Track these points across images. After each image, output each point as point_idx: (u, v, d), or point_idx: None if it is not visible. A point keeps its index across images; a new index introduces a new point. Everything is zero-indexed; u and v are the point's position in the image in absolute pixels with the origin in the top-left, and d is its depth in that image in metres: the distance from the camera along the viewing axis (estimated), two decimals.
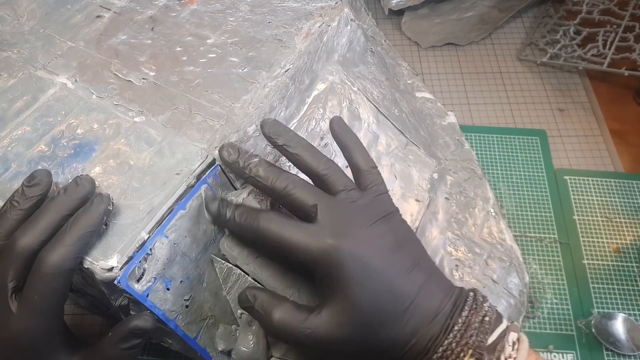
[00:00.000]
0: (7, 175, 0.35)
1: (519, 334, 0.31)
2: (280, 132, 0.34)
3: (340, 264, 0.30)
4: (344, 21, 0.45)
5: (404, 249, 0.32)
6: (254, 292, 0.33)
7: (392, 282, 0.30)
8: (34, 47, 0.42)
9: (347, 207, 0.32)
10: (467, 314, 0.30)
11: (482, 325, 0.30)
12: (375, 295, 0.30)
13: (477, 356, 0.29)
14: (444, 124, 0.58)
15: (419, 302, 0.30)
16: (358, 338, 0.30)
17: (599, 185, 0.57)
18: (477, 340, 0.29)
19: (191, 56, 0.41)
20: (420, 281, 0.31)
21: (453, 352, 0.29)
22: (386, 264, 0.31)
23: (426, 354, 0.30)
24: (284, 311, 0.31)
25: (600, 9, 0.70)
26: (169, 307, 0.33)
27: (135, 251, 0.31)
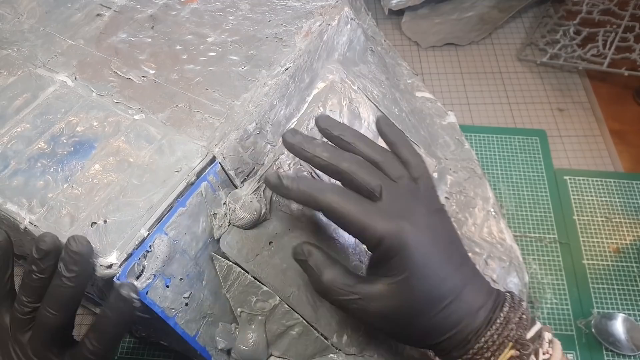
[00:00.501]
0: (7, 173, 0.35)
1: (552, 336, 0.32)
2: (334, 125, 0.35)
3: (403, 246, 0.31)
4: (344, 20, 0.45)
5: (454, 243, 0.34)
6: (309, 247, 0.34)
7: (445, 273, 0.32)
8: (33, 45, 0.42)
9: (408, 193, 0.33)
10: (507, 310, 0.32)
11: (520, 322, 0.32)
12: (429, 281, 0.31)
13: (517, 348, 0.31)
14: (443, 124, 0.58)
15: (465, 294, 0.32)
16: (401, 318, 0.32)
17: (599, 185, 0.57)
18: (517, 334, 0.31)
19: (191, 54, 0.41)
20: (468, 277, 0.33)
21: (495, 343, 0.31)
22: (443, 254, 0.32)
23: (467, 344, 0.32)
24: (335, 272, 0.32)
25: (600, 9, 0.70)
26: (168, 304, 0.33)
27: (134, 248, 0.31)
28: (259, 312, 0.37)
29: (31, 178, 0.34)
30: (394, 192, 0.32)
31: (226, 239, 0.35)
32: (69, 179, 0.34)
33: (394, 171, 0.33)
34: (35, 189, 0.34)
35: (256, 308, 0.37)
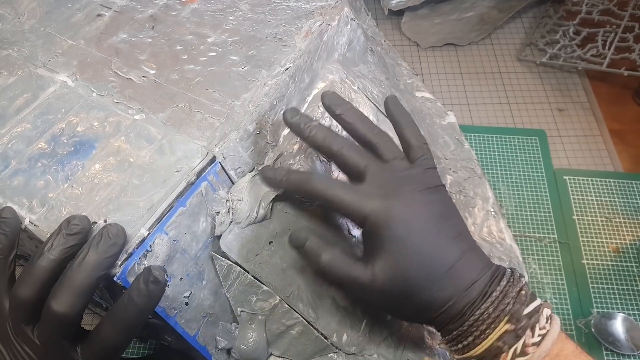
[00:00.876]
0: (7, 173, 0.35)
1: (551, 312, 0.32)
2: (338, 103, 0.37)
3: (387, 222, 0.32)
4: (344, 20, 0.45)
5: (449, 219, 0.34)
6: (303, 233, 0.35)
7: (435, 245, 0.32)
8: (34, 46, 0.43)
9: (396, 173, 0.34)
10: (505, 284, 0.32)
11: (518, 296, 0.32)
12: (419, 255, 0.32)
13: (513, 322, 0.31)
14: (443, 124, 0.58)
15: (459, 267, 0.32)
16: (398, 293, 0.32)
17: (599, 185, 0.57)
18: (514, 309, 0.31)
19: (191, 55, 0.41)
20: (462, 249, 0.33)
21: (490, 316, 0.31)
22: (431, 228, 0.33)
23: (462, 316, 0.32)
24: (332, 254, 0.34)
25: (600, 10, 0.70)
26: (169, 304, 0.33)
27: (134, 248, 0.31)
28: (259, 312, 0.37)
29: (32, 178, 0.34)
30: (382, 173, 0.34)
31: (226, 238, 0.35)
32: (70, 179, 0.34)
33: (387, 152, 0.35)
34: (36, 188, 0.34)
35: (256, 307, 0.37)
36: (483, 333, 0.31)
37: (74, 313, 0.28)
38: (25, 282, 0.29)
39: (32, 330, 0.29)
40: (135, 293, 0.29)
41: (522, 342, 0.30)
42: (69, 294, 0.28)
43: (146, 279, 0.29)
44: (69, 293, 0.28)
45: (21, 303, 0.29)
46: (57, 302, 0.28)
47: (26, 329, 0.29)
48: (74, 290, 0.28)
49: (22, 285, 0.29)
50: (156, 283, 0.29)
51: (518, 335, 0.30)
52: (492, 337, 0.31)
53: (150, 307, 0.29)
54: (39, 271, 0.29)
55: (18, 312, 0.29)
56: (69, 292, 0.28)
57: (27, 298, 0.29)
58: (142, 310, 0.29)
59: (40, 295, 0.29)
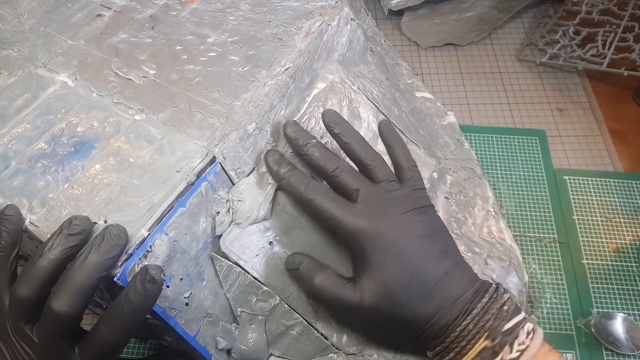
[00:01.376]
0: (7, 173, 0.35)
1: (535, 326, 0.33)
2: (338, 123, 0.38)
3: (373, 242, 0.34)
4: (344, 20, 0.45)
5: (434, 238, 0.35)
6: (300, 257, 0.36)
7: (419, 264, 0.34)
8: (34, 46, 0.42)
9: (386, 194, 0.36)
10: (486, 301, 0.33)
11: (500, 312, 0.33)
12: (404, 274, 0.33)
13: (491, 338, 0.32)
14: (443, 124, 0.58)
15: (443, 285, 0.34)
16: (385, 310, 0.34)
17: (599, 185, 0.57)
18: (494, 325, 0.32)
19: (191, 55, 0.41)
20: (446, 267, 0.34)
21: (470, 332, 0.32)
22: (415, 247, 0.34)
23: (444, 332, 0.33)
24: (324, 277, 0.35)
25: (600, 9, 0.70)
26: (169, 304, 0.33)
27: (135, 248, 0.31)
28: (259, 312, 0.37)
29: (32, 178, 0.34)
30: (371, 194, 0.36)
31: (226, 239, 0.35)
32: (70, 179, 0.34)
33: (380, 174, 0.37)
34: (36, 189, 0.34)
35: (256, 308, 0.37)
36: (463, 349, 0.32)
37: (74, 313, 0.28)
38: (25, 281, 0.29)
39: (31, 329, 0.29)
40: (132, 292, 0.29)
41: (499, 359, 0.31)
42: (69, 294, 0.28)
43: (143, 278, 0.29)
44: (70, 293, 0.28)
45: (21, 302, 0.29)
46: (57, 301, 0.28)
47: (25, 327, 0.29)
48: (74, 290, 0.28)
49: (23, 284, 0.29)
50: (153, 282, 0.29)
51: (495, 352, 0.31)
52: (472, 354, 0.32)
53: (147, 307, 0.29)
54: (39, 270, 0.29)
55: (18, 310, 0.29)
56: (70, 291, 0.28)
57: (27, 297, 0.29)
58: (139, 310, 0.29)
59: (40, 295, 0.29)
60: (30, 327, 0.29)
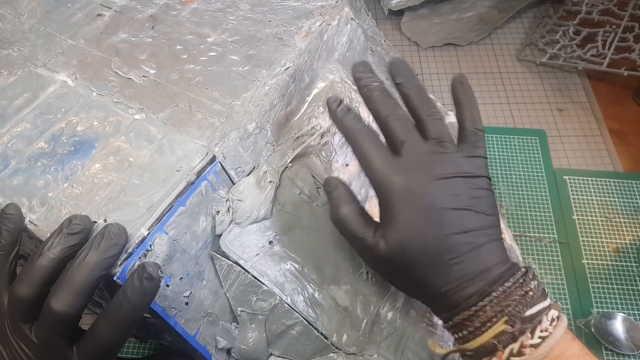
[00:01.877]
0: (7, 172, 0.35)
1: (560, 314, 0.32)
2: (402, 73, 0.36)
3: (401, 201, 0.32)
4: (344, 20, 0.45)
5: (472, 211, 0.33)
6: (336, 181, 0.36)
7: (443, 235, 0.32)
8: (34, 45, 0.43)
9: (432, 154, 0.34)
10: (510, 285, 0.32)
11: (524, 298, 0.31)
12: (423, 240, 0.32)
13: (510, 323, 0.30)
14: None
15: (464, 259, 0.32)
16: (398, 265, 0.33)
17: (598, 185, 0.57)
18: (515, 310, 0.31)
19: (191, 54, 0.41)
20: (475, 244, 0.32)
21: (486, 314, 0.31)
22: (444, 217, 0.32)
23: (455, 308, 0.32)
24: (351, 209, 0.34)
25: (600, 9, 0.70)
26: (169, 303, 0.33)
27: (134, 247, 0.31)
28: (259, 312, 0.37)
29: (31, 177, 0.34)
30: (417, 152, 0.34)
31: (226, 238, 0.35)
32: (69, 179, 0.34)
33: (433, 131, 0.34)
34: (36, 188, 0.34)
35: (256, 307, 0.37)
36: (477, 329, 0.31)
37: (73, 312, 0.28)
38: (24, 280, 0.29)
39: (30, 328, 0.29)
40: (129, 290, 0.29)
41: (519, 344, 0.30)
42: (69, 293, 0.28)
43: (140, 275, 0.29)
44: (69, 292, 0.28)
45: (20, 301, 0.29)
46: (57, 300, 0.28)
47: (24, 327, 0.29)
48: (74, 290, 0.28)
49: (22, 283, 0.29)
50: (150, 279, 0.29)
51: (515, 337, 0.30)
52: (487, 335, 0.31)
53: (144, 304, 0.29)
54: (38, 270, 0.29)
55: (17, 309, 0.29)
56: (69, 291, 0.28)
57: (26, 296, 0.29)
58: (137, 307, 0.29)
59: (39, 294, 0.29)
60: (29, 327, 0.29)
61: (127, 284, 0.29)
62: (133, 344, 0.48)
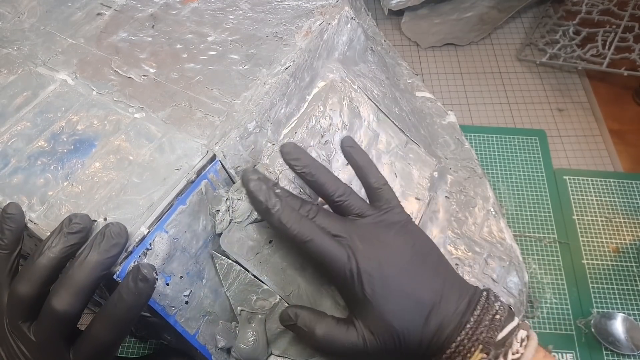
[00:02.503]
0: (7, 171, 0.35)
1: (528, 332, 0.33)
2: (298, 157, 0.35)
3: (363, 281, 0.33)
4: (344, 19, 0.45)
5: (421, 258, 0.35)
6: (295, 310, 0.35)
7: (414, 294, 0.33)
8: (34, 44, 0.42)
9: (364, 228, 0.35)
10: (479, 312, 0.33)
11: (492, 322, 0.32)
12: (399, 307, 0.33)
13: (486, 351, 0.31)
14: (444, 123, 0.58)
15: (437, 307, 0.33)
16: (390, 347, 0.33)
17: (598, 185, 0.57)
18: (487, 337, 0.32)
19: (192, 53, 0.41)
20: (439, 287, 0.34)
21: (465, 347, 0.32)
22: (406, 277, 0.33)
23: (441, 350, 0.32)
24: (326, 326, 0.34)
25: (600, 9, 0.70)
26: (169, 302, 0.33)
27: (134, 246, 0.31)
28: (259, 311, 0.37)
29: (31, 176, 0.34)
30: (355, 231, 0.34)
31: (226, 237, 0.35)
32: (69, 177, 0.34)
33: (352, 208, 0.35)
34: (36, 186, 0.34)
35: (256, 306, 0.37)
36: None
37: (74, 312, 0.28)
38: (24, 278, 0.29)
39: (29, 327, 0.29)
40: (124, 291, 0.29)
41: None
42: (70, 293, 0.28)
43: (135, 277, 0.29)
44: (70, 292, 0.28)
45: (20, 299, 0.29)
46: (58, 300, 0.28)
47: (23, 325, 0.29)
48: (75, 289, 0.28)
49: (22, 282, 0.29)
50: (145, 281, 0.29)
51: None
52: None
53: (139, 305, 0.29)
54: (39, 268, 0.29)
55: (16, 308, 0.29)
56: (70, 290, 0.28)
57: (26, 295, 0.29)
58: (132, 308, 0.29)
59: (39, 293, 0.29)
60: (28, 326, 0.29)
61: (122, 285, 0.29)
62: (133, 343, 0.48)
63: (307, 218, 0.34)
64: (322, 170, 0.36)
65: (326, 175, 0.36)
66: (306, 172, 0.35)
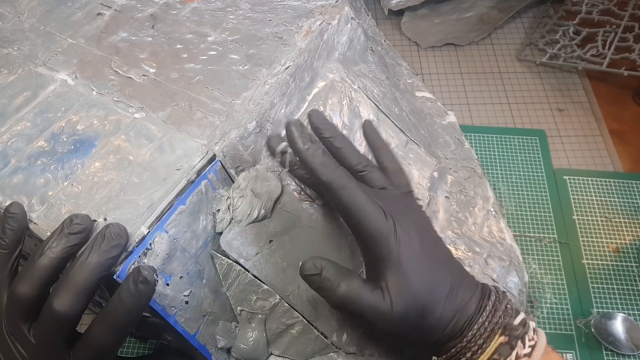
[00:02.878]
0: (7, 171, 0.35)
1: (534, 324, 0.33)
2: (327, 125, 0.36)
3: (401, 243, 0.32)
4: (344, 19, 0.45)
5: (438, 241, 0.35)
6: (321, 261, 0.33)
7: (437, 268, 0.33)
8: (34, 44, 0.42)
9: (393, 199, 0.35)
10: (494, 299, 0.33)
11: (507, 310, 0.33)
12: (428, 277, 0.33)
13: (506, 334, 0.31)
14: (444, 123, 0.58)
15: (457, 287, 0.33)
16: (413, 315, 0.32)
17: (598, 185, 0.57)
18: (506, 321, 0.32)
19: (192, 53, 0.41)
20: (456, 269, 0.34)
21: (486, 330, 0.32)
22: (433, 254, 0.34)
23: (461, 333, 0.32)
24: (352, 283, 0.32)
25: (600, 9, 0.70)
26: (169, 302, 0.33)
27: (134, 246, 0.31)
28: (259, 311, 0.37)
29: (31, 176, 0.34)
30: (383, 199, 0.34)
31: (226, 237, 0.35)
32: (69, 177, 0.34)
33: (377, 181, 0.35)
34: (35, 186, 0.34)
35: (256, 306, 0.37)
36: (480, 347, 0.32)
37: (74, 313, 0.28)
38: (25, 279, 0.29)
39: (28, 329, 0.29)
40: (124, 293, 0.28)
41: (515, 354, 0.31)
42: (70, 294, 0.28)
43: (135, 279, 0.29)
44: (71, 293, 0.28)
45: (20, 300, 0.29)
46: (58, 301, 0.28)
47: (23, 326, 0.29)
48: (75, 290, 0.28)
49: (22, 282, 0.29)
50: (145, 283, 0.29)
51: (512, 347, 0.31)
52: (489, 351, 0.32)
53: (139, 307, 0.29)
54: (39, 269, 0.29)
55: (16, 308, 0.29)
56: (71, 291, 0.28)
57: (27, 295, 0.29)
58: (132, 311, 0.29)
59: (39, 293, 0.29)
60: (28, 328, 0.29)
61: (122, 287, 0.29)
62: (133, 343, 0.48)
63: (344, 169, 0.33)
64: (348, 141, 0.36)
65: (351, 146, 0.36)
66: (333, 139, 0.35)
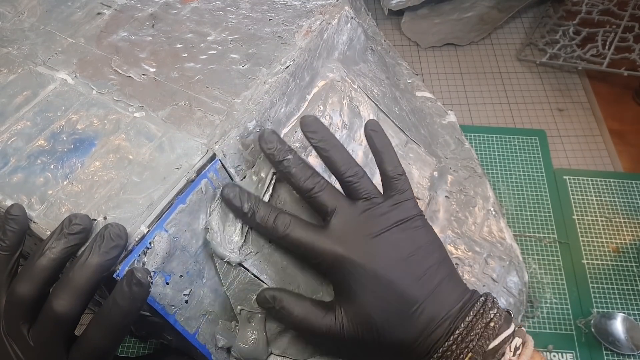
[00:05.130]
0: (7, 170, 0.35)
1: (524, 339, 0.32)
2: (317, 130, 0.35)
3: (348, 272, 0.32)
4: (344, 19, 0.45)
5: (418, 255, 0.34)
6: (272, 292, 0.35)
7: (399, 289, 0.32)
8: (34, 44, 0.42)
9: (363, 214, 0.34)
10: (471, 319, 0.32)
11: (485, 330, 0.31)
12: (383, 301, 0.32)
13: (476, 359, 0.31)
14: (444, 123, 0.58)
15: (426, 307, 0.32)
16: (368, 339, 0.32)
17: (599, 185, 0.57)
18: (478, 345, 0.31)
19: (191, 53, 0.41)
20: (430, 287, 0.33)
21: (453, 353, 0.31)
22: (394, 272, 0.33)
23: (427, 353, 0.32)
24: (304, 308, 0.34)
25: (600, 9, 0.70)
26: (168, 301, 0.33)
27: (134, 245, 0.31)
28: (259, 310, 0.37)
29: (31, 175, 0.34)
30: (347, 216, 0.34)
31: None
32: (69, 176, 0.34)
33: (360, 191, 0.35)
34: (35, 185, 0.34)
35: (256, 306, 0.37)
36: None
37: (74, 314, 0.28)
38: (24, 279, 0.29)
39: (27, 330, 0.29)
40: (119, 296, 0.28)
41: None
42: (70, 295, 0.28)
43: (129, 281, 0.28)
44: (71, 294, 0.28)
45: (19, 300, 0.29)
46: (58, 302, 0.28)
47: (22, 328, 0.29)
48: (75, 291, 0.28)
49: (22, 282, 0.29)
50: (139, 285, 0.28)
51: None
52: None
53: (134, 310, 0.29)
54: (39, 269, 0.29)
55: (15, 309, 0.29)
56: (71, 293, 0.28)
57: (27, 295, 0.29)
58: (127, 313, 0.29)
59: (39, 294, 0.29)
60: (27, 329, 0.29)
61: (117, 289, 0.29)
62: (133, 343, 0.48)
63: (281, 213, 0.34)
64: (338, 148, 0.35)
65: (341, 153, 0.35)
66: (321, 147, 0.35)
